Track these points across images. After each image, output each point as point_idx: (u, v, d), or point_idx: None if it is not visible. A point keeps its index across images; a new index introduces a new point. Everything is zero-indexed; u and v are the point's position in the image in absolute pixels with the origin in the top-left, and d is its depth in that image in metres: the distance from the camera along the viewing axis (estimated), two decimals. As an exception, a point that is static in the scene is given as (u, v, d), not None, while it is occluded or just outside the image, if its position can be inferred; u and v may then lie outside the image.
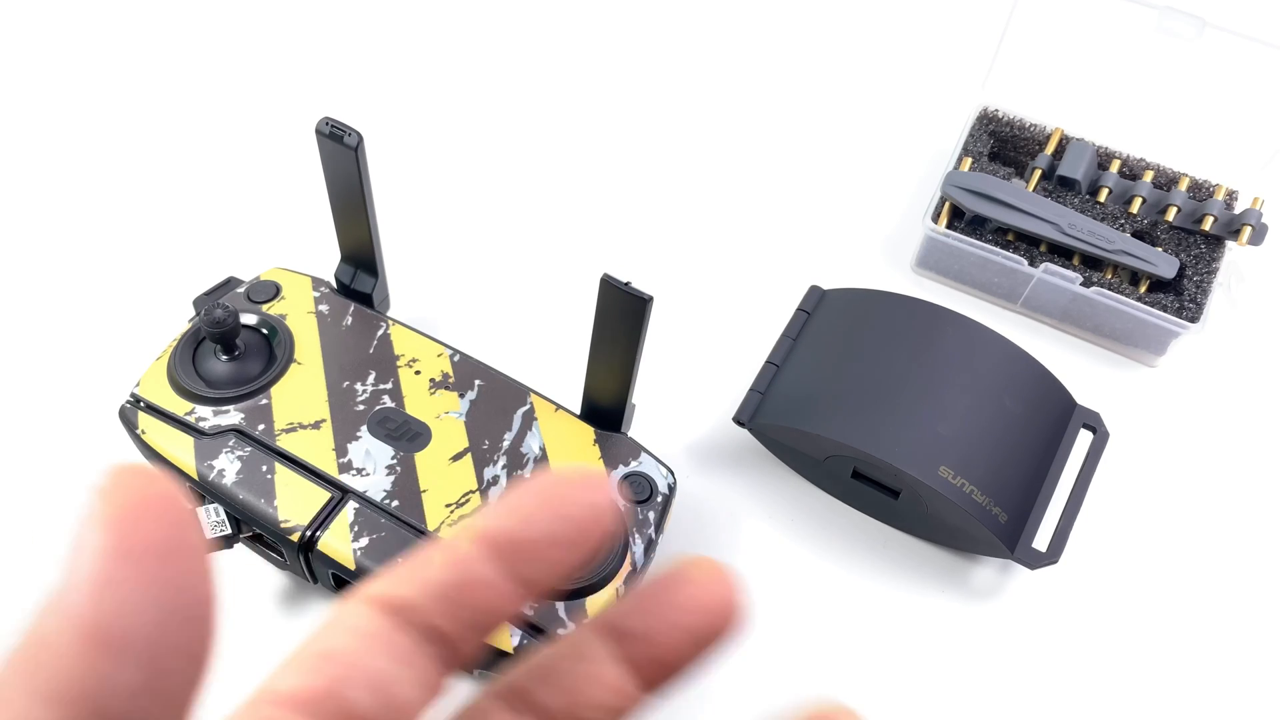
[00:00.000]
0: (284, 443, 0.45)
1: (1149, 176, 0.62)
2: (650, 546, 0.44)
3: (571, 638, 0.18)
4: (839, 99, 0.71)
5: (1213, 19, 0.58)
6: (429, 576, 0.17)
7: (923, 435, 0.48)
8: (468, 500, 0.44)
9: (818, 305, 0.55)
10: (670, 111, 0.70)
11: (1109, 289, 0.58)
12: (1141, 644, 0.50)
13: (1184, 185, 0.61)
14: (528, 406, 0.47)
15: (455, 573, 0.17)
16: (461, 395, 0.47)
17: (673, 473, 0.46)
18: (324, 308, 0.49)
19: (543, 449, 0.46)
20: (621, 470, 0.45)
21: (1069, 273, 0.57)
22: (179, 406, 0.45)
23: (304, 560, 0.43)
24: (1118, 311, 0.57)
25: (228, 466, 0.44)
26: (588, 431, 0.47)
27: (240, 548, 0.47)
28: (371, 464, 0.44)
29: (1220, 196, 0.61)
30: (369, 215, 0.47)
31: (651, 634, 0.18)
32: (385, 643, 0.17)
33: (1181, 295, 0.58)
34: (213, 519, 0.43)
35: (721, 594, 0.18)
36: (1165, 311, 0.57)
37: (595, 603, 0.41)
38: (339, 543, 0.42)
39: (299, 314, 0.49)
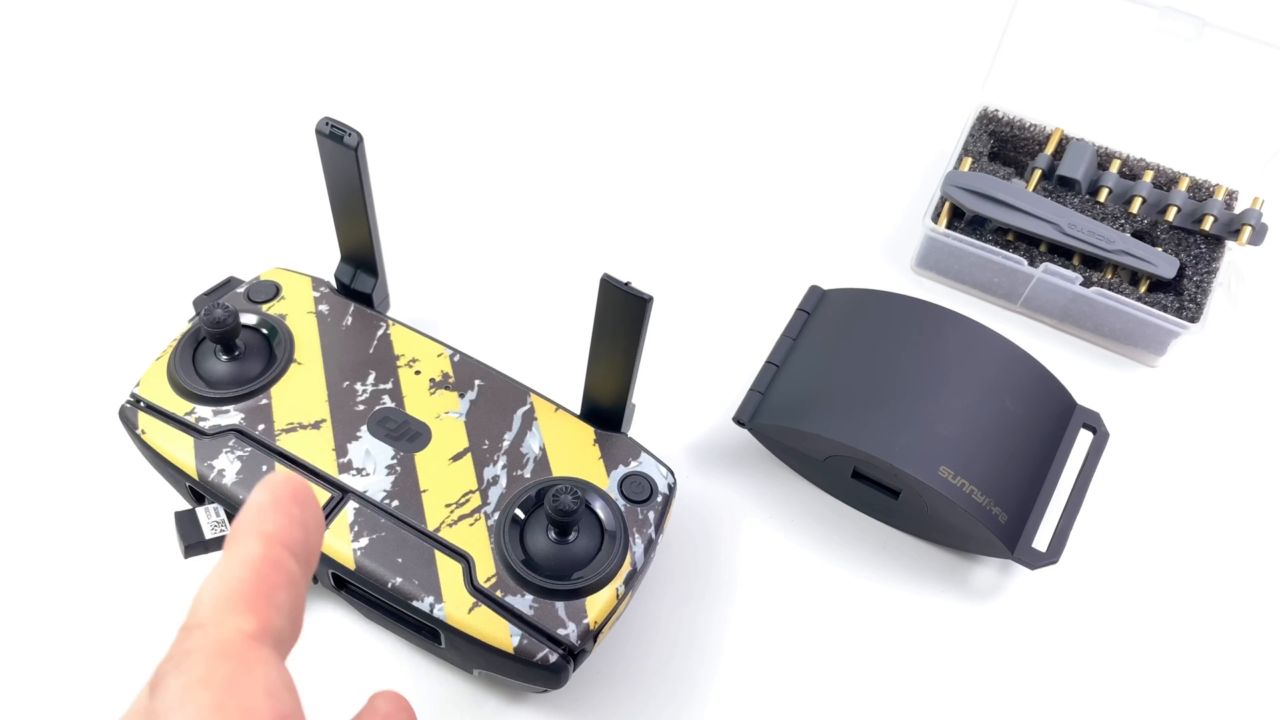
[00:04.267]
0: (284, 443, 0.45)
1: (1149, 176, 0.62)
2: (650, 546, 0.44)
3: None
4: (839, 100, 0.71)
5: (1213, 19, 0.58)
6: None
7: (923, 435, 0.48)
8: (468, 500, 0.44)
9: (818, 305, 0.55)
10: (670, 112, 0.70)
11: (1109, 289, 0.58)
12: (1141, 644, 0.50)
13: (1184, 185, 0.61)
14: (528, 406, 0.47)
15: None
16: (461, 395, 0.47)
17: (673, 473, 0.46)
18: (324, 308, 0.49)
19: (543, 449, 0.46)
20: (621, 470, 0.45)
21: (1069, 273, 0.57)
22: (179, 406, 0.45)
23: (304, 560, 0.43)
24: (1118, 311, 0.57)
25: (228, 466, 0.44)
26: (588, 431, 0.47)
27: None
28: (371, 464, 0.44)
29: (1220, 196, 0.61)
30: (369, 215, 0.47)
31: None
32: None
33: (1181, 295, 0.58)
34: (213, 519, 0.43)
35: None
36: (1165, 311, 0.57)
37: (595, 603, 0.41)
38: (339, 543, 0.42)
39: (299, 314, 0.49)
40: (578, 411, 0.47)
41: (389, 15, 0.73)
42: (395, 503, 0.43)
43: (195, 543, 0.43)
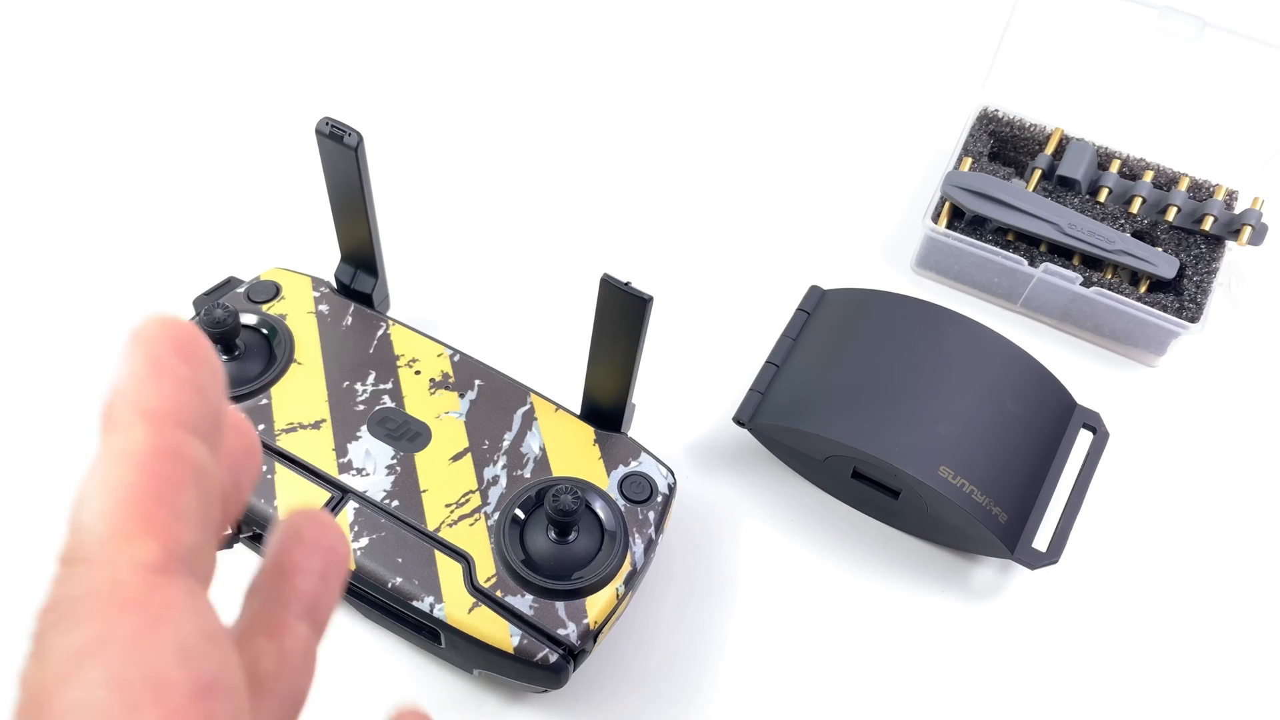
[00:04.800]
0: (284, 443, 0.45)
1: (1149, 176, 0.62)
2: (650, 546, 0.44)
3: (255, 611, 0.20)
4: (839, 100, 0.71)
5: (1213, 19, 0.58)
6: None
7: (923, 435, 0.48)
8: (468, 500, 0.44)
9: (818, 305, 0.55)
10: (670, 112, 0.70)
11: (1109, 289, 0.58)
12: (1141, 644, 0.50)
13: (1184, 185, 0.61)
14: (528, 406, 0.47)
15: None
16: (461, 395, 0.47)
17: (673, 473, 0.46)
18: (324, 308, 0.49)
19: (543, 449, 0.46)
20: (621, 470, 0.45)
21: (1069, 273, 0.57)
22: (179, 406, 0.45)
23: (304, 560, 0.43)
24: (1118, 311, 0.57)
25: (228, 466, 0.44)
26: (588, 431, 0.47)
27: (240, 548, 0.47)
28: (371, 464, 0.44)
29: (1220, 196, 0.61)
30: (369, 215, 0.47)
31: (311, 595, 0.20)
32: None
33: (1181, 295, 0.58)
34: (213, 519, 0.43)
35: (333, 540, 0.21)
36: (1165, 311, 0.57)
37: (595, 603, 0.41)
38: (339, 543, 0.42)
39: (299, 314, 0.49)
40: (578, 411, 0.47)
41: (389, 15, 0.73)
42: (395, 503, 0.43)
43: (195, 543, 0.43)
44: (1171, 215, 0.60)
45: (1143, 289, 0.59)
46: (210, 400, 0.18)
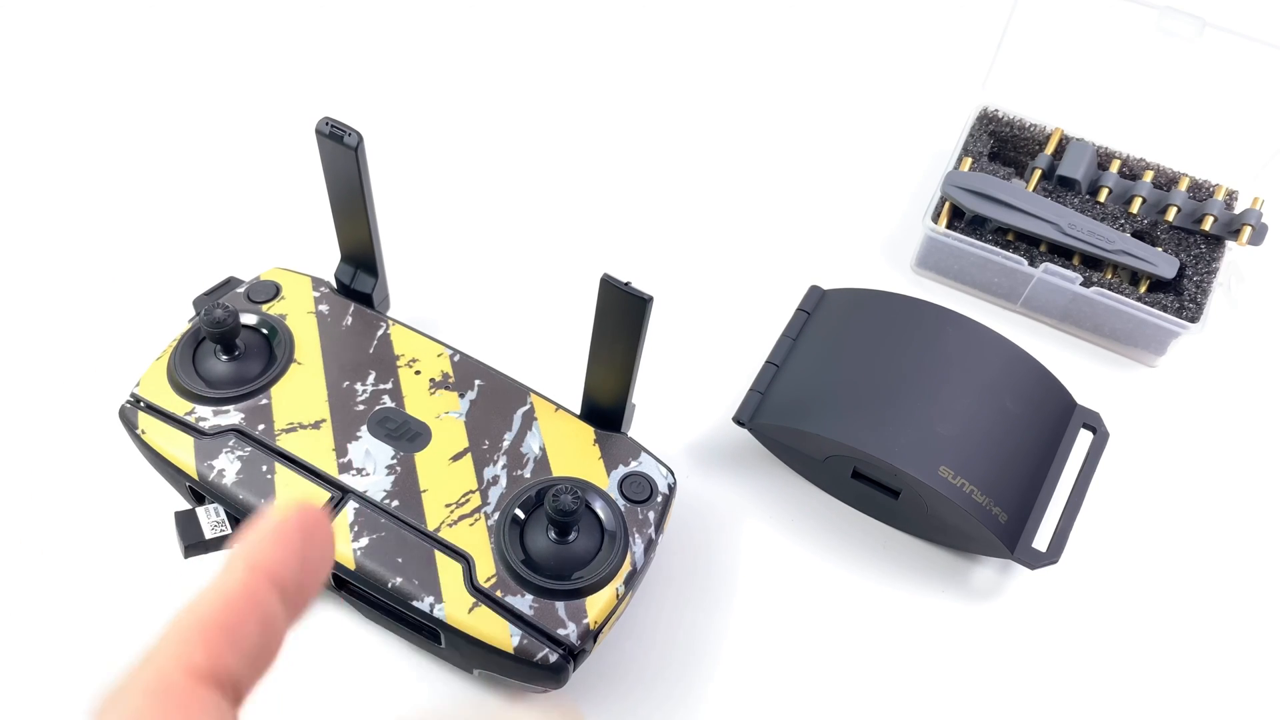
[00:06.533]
0: (284, 443, 0.45)
1: (1149, 176, 0.62)
2: (650, 546, 0.44)
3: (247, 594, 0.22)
4: (839, 99, 0.71)
5: (1213, 19, 0.58)
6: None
7: (923, 435, 0.48)
8: (468, 500, 0.44)
9: (818, 305, 0.55)
10: (670, 112, 0.70)
11: (1109, 289, 0.58)
12: (1141, 644, 0.50)
13: (1184, 185, 0.61)
14: (528, 406, 0.47)
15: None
16: (461, 395, 0.47)
17: (673, 473, 0.46)
18: (324, 308, 0.49)
19: (543, 449, 0.46)
20: (621, 470, 0.45)
21: (1069, 273, 0.57)
22: (179, 406, 0.45)
23: (304, 560, 0.43)
24: (1118, 311, 0.57)
25: (228, 466, 0.44)
26: (588, 431, 0.47)
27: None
28: (371, 464, 0.44)
29: (1220, 196, 0.61)
30: (369, 215, 0.47)
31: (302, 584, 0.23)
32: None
33: (1181, 295, 0.58)
34: (213, 519, 0.43)
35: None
36: (1165, 311, 0.57)
37: (595, 603, 0.41)
38: (339, 543, 0.42)
39: (299, 314, 0.49)
40: (578, 411, 0.47)
41: (389, 15, 0.73)
42: (395, 503, 0.43)
43: (195, 543, 0.43)
44: (1171, 215, 0.60)
45: (1143, 289, 0.59)
46: (309, 572, 0.22)
